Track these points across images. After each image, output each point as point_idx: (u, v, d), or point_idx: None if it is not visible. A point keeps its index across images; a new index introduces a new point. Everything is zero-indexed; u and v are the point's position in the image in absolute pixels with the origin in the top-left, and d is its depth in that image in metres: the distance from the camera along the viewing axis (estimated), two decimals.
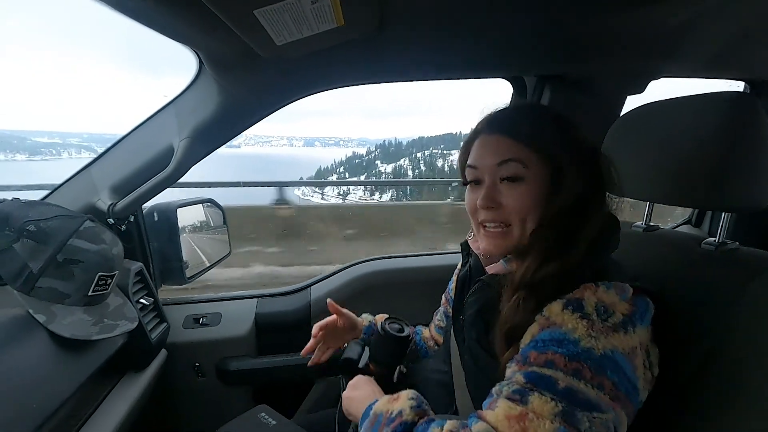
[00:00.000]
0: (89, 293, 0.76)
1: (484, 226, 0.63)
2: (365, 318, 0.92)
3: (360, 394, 0.68)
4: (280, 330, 1.23)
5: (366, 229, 4.15)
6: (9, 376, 0.62)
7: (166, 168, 0.92)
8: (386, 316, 0.84)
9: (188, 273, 1.16)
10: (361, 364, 0.79)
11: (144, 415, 0.95)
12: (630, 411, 0.49)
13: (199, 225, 1.28)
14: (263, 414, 0.84)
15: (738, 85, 1.19)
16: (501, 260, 0.64)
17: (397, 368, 0.78)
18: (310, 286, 1.32)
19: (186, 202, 1.18)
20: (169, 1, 0.57)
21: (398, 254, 1.40)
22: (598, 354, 0.47)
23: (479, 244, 0.66)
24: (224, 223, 1.30)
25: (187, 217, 1.20)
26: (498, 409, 0.48)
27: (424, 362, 0.88)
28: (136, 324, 0.85)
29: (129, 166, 0.98)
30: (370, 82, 0.98)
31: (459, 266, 0.88)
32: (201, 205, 1.26)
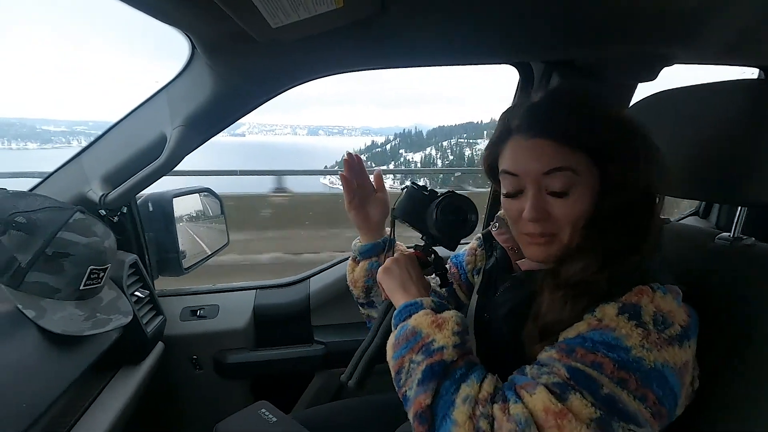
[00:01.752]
0: (81, 287, 0.74)
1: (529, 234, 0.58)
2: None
3: (401, 273, 0.63)
4: (278, 322, 1.21)
5: None
6: None
7: (160, 157, 0.88)
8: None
9: (185, 264, 1.14)
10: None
11: (141, 410, 0.93)
12: (665, 425, 0.48)
13: (196, 215, 1.25)
14: (264, 410, 0.82)
15: (753, 72, 1.15)
16: None
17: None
18: (309, 277, 1.30)
19: (182, 192, 1.16)
20: None
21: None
22: (648, 366, 0.44)
23: (524, 252, 0.61)
24: (222, 212, 1.28)
25: (184, 206, 1.18)
26: (537, 395, 0.45)
27: None
28: (130, 318, 0.83)
29: (121, 156, 0.94)
30: (370, 68, 0.94)
31: (474, 245, 0.83)
32: (198, 194, 1.24)
